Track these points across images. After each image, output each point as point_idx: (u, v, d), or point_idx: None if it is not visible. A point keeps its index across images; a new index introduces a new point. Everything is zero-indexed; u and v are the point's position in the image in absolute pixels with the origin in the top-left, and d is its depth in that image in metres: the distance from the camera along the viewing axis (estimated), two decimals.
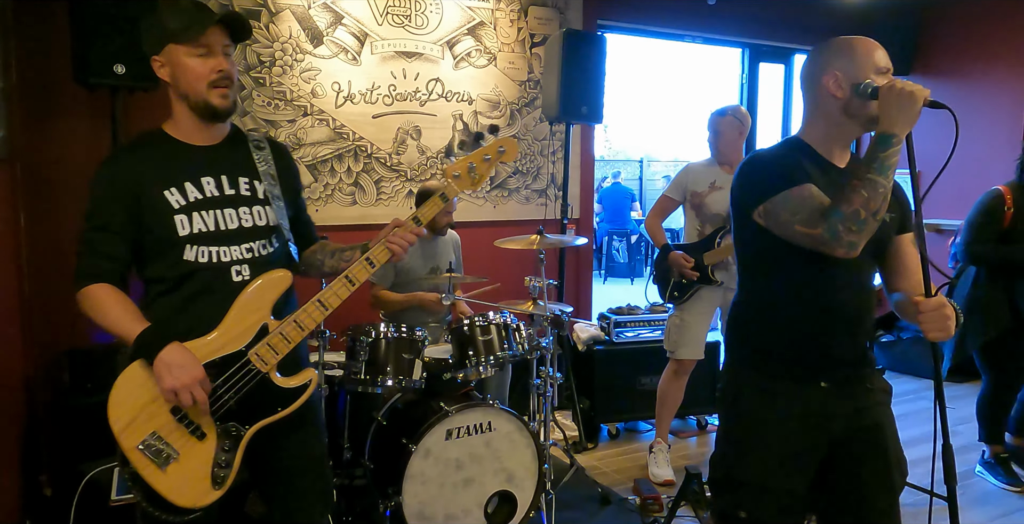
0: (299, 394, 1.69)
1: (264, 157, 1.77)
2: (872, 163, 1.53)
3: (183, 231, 1.64)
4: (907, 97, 1.52)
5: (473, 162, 1.78)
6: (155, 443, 1.57)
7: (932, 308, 1.56)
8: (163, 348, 1.54)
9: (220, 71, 1.63)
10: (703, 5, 4.97)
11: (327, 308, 1.68)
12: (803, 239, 1.58)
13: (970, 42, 5.39)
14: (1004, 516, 3.15)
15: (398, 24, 4.03)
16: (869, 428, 1.75)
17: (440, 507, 2.67)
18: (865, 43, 1.69)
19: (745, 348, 1.84)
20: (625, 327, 4.14)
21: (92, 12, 2.83)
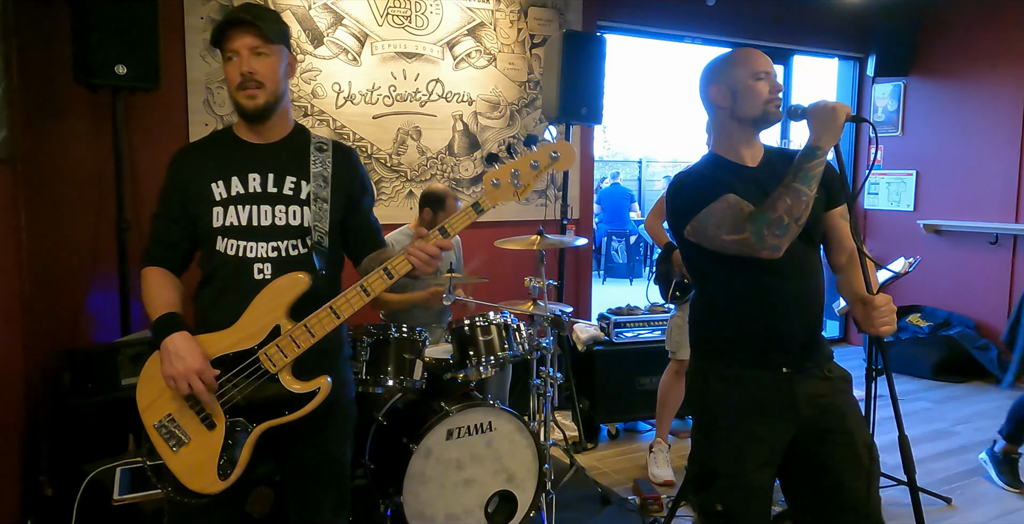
0: (308, 400, 1.66)
1: (323, 159, 1.78)
2: (797, 173, 1.67)
3: (217, 222, 1.70)
4: (830, 113, 1.69)
5: (518, 169, 1.57)
6: (168, 425, 1.66)
7: (882, 304, 1.68)
8: (169, 335, 1.62)
9: (242, 73, 1.66)
10: (702, 6, 4.98)
11: (339, 316, 1.65)
12: (731, 246, 1.71)
13: (969, 43, 5.41)
14: (1002, 516, 3.16)
15: (398, 25, 4.04)
16: (834, 414, 1.81)
17: (441, 507, 2.68)
18: (739, 54, 1.88)
19: (706, 343, 1.92)
20: (625, 327, 4.15)
21: (94, 12, 2.84)
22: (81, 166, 3.29)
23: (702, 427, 1.92)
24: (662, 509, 3.16)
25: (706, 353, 1.92)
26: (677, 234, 1.88)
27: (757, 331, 1.82)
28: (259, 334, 1.65)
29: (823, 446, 1.79)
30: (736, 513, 1.80)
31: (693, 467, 1.92)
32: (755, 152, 1.91)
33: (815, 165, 1.67)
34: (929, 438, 4.02)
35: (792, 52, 5.79)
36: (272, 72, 1.68)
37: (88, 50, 2.85)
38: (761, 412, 1.79)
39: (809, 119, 1.72)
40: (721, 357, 1.87)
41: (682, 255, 1.97)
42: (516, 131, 4.47)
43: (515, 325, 2.98)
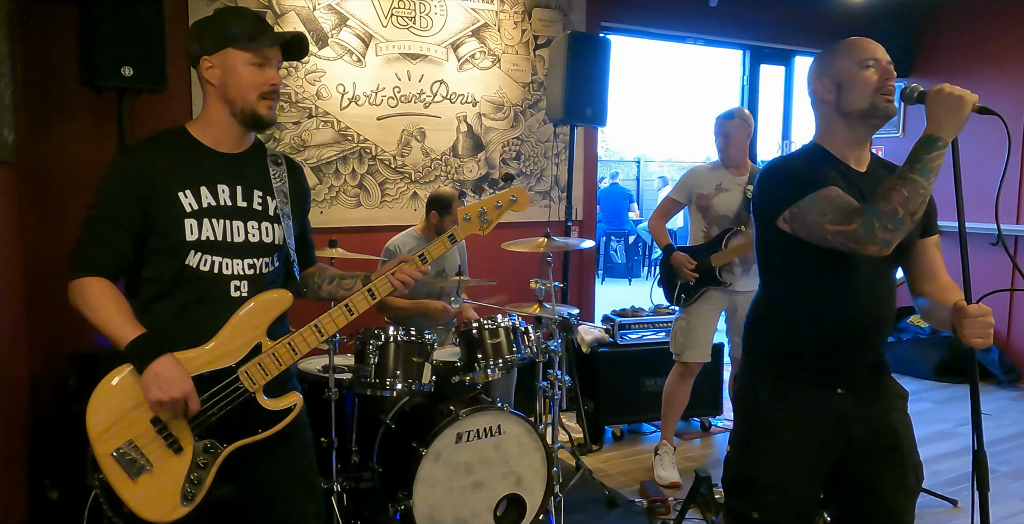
0: (283, 417, 1.67)
1: (279, 174, 1.76)
2: (915, 163, 1.52)
3: (191, 236, 1.61)
4: (955, 101, 1.51)
5: (485, 207, 1.85)
6: (130, 452, 1.55)
7: (976, 315, 1.54)
8: (156, 359, 1.52)
9: (273, 84, 1.65)
10: (705, 7, 4.98)
11: (323, 334, 1.69)
12: (835, 237, 1.56)
13: (970, 44, 5.42)
14: (1009, 517, 3.17)
15: (403, 26, 4.02)
16: (885, 433, 1.75)
17: (450, 511, 2.67)
18: (848, 43, 1.73)
19: (764, 351, 1.85)
20: (629, 329, 4.15)
21: (100, 14, 2.82)
22: (85, 168, 3.26)
23: (746, 434, 1.85)
24: (669, 511, 3.16)
25: (760, 361, 1.84)
26: (767, 221, 1.72)
27: (824, 351, 1.74)
28: (238, 352, 1.62)
29: (872, 465, 1.74)
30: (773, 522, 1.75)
31: (730, 471, 1.85)
32: (862, 156, 1.77)
33: (935, 156, 1.51)
34: (933, 439, 4.03)
35: (794, 53, 5.79)
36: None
37: (94, 51, 2.83)
38: (810, 429, 1.73)
39: (928, 105, 1.55)
40: (776, 368, 1.79)
41: (761, 244, 1.83)
42: (520, 132, 4.46)
43: (523, 328, 2.98)
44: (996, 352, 5.22)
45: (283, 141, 3.77)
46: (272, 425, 1.66)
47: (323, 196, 3.90)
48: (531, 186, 4.54)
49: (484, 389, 3.09)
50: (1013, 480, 3.55)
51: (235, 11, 1.71)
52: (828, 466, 1.76)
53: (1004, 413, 4.57)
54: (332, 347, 2.79)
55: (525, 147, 4.49)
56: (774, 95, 5.95)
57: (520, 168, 4.48)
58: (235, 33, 1.61)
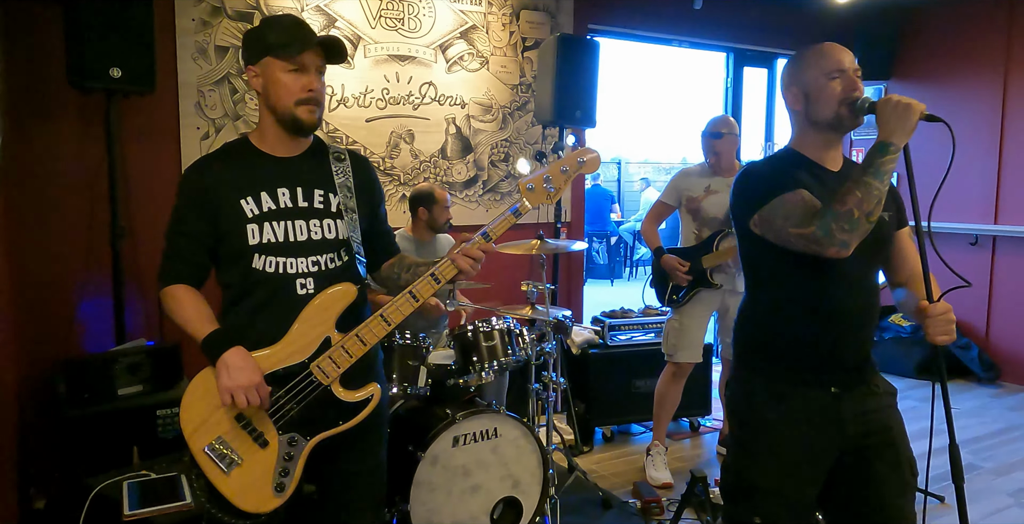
0: (361, 408, 1.71)
1: (343, 169, 1.79)
2: (868, 167, 1.59)
3: (253, 240, 1.68)
4: (903, 109, 1.60)
5: (550, 174, 1.69)
6: (220, 447, 1.64)
7: (939, 313, 1.61)
8: (226, 350, 1.60)
9: (311, 90, 1.67)
10: (689, 10, 5.02)
11: (390, 323, 1.69)
12: (797, 240, 1.63)
13: (949, 48, 5.51)
14: (995, 513, 3.23)
15: (391, 27, 4.01)
16: (879, 430, 1.78)
17: (447, 514, 2.66)
18: (815, 53, 1.76)
19: (754, 354, 1.86)
20: (619, 330, 4.16)
21: (87, 14, 2.78)
22: (72, 171, 3.21)
23: (742, 439, 1.85)
24: (663, 512, 3.18)
25: (752, 364, 1.86)
26: (741, 225, 1.79)
27: (813, 348, 1.76)
28: (309, 347, 1.66)
29: (867, 462, 1.76)
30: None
31: (728, 477, 1.86)
32: (836, 156, 1.82)
33: (887, 161, 1.58)
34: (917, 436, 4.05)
35: (776, 55, 5.85)
36: (323, 92, 1.74)
37: (81, 52, 2.78)
38: (806, 430, 1.74)
39: (878, 114, 1.63)
40: (768, 370, 1.81)
41: (742, 251, 1.88)
42: (508, 134, 4.46)
43: (518, 330, 2.98)
44: (976, 350, 5.31)
45: None
46: (352, 416, 1.70)
47: None
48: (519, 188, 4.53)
49: (477, 392, 3.09)
50: (998, 476, 3.62)
51: (276, 20, 1.73)
52: (826, 466, 1.78)
53: (986, 410, 4.65)
54: None
55: (514, 149, 4.48)
56: (757, 97, 6.01)
57: (509, 170, 4.48)
58: (273, 42, 1.66)
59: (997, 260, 5.30)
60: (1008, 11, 5.15)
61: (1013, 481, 3.55)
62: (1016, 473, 3.65)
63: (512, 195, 4.51)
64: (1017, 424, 4.38)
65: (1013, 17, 5.14)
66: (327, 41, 1.70)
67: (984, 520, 3.17)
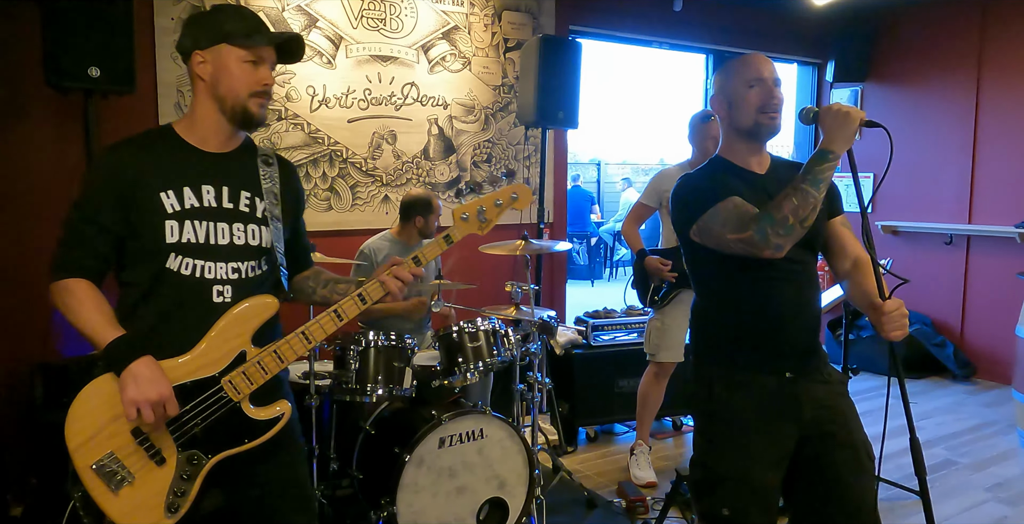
0: (270, 427, 1.61)
1: (270, 174, 1.70)
2: (807, 175, 1.67)
3: (171, 238, 1.56)
4: (843, 118, 1.67)
5: (484, 206, 1.73)
6: (110, 464, 1.49)
7: (892, 309, 1.66)
8: (134, 360, 1.47)
9: (266, 84, 1.62)
10: (669, 12, 5.05)
11: (310, 341, 1.62)
12: (735, 245, 1.72)
13: (922, 50, 5.60)
14: (971, 508, 3.28)
15: (373, 28, 3.99)
16: (834, 416, 1.83)
17: (434, 516, 2.65)
18: (738, 63, 1.86)
19: (709, 348, 1.93)
20: (603, 330, 4.18)
21: (65, 12, 2.73)
22: (50, 171, 3.16)
23: (706, 432, 1.91)
24: (648, 511, 3.19)
25: (709, 358, 1.92)
26: (682, 235, 1.88)
27: (761, 336, 1.83)
28: (222, 361, 1.57)
29: (825, 448, 1.81)
30: (743, 517, 1.80)
31: (696, 472, 1.91)
32: (762, 160, 1.91)
33: (826, 169, 1.66)
34: (894, 433, 4.11)
35: None
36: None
37: (59, 51, 2.73)
38: (767, 416, 1.80)
39: (821, 123, 1.71)
40: (725, 362, 1.87)
41: (686, 258, 1.97)
42: (491, 135, 4.46)
43: (503, 331, 2.98)
44: (951, 348, 5.40)
45: None
46: (259, 435, 1.60)
47: None
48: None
49: (462, 393, 3.08)
50: (974, 472, 3.68)
51: (233, 8, 1.67)
52: (787, 450, 1.82)
53: (961, 407, 4.73)
54: (312, 353, 2.75)
55: (496, 150, 4.49)
56: None
57: (491, 171, 4.49)
58: (231, 29, 1.58)
59: (971, 259, 5.40)
60: (980, 14, 5.25)
61: (989, 476, 3.61)
62: (992, 468, 3.71)
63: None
64: (992, 420, 4.45)
65: (985, 20, 5.24)
66: (294, 39, 1.65)
67: (961, 515, 3.22)
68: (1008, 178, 5.16)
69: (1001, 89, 5.18)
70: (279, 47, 1.65)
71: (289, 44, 1.66)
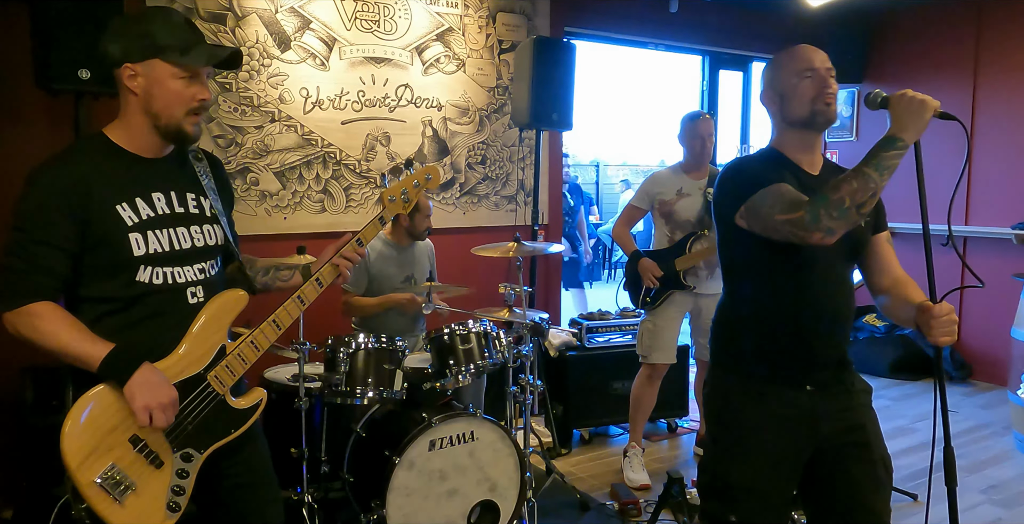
0: (251, 414, 1.70)
1: (203, 170, 1.73)
2: (872, 159, 1.57)
3: (138, 251, 1.56)
4: (918, 105, 1.57)
5: (405, 188, 1.91)
6: (114, 475, 1.49)
7: (943, 314, 1.61)
8: (137, 368, 1.48)
9: (202, 100, 1.59)
10: (665, 13, 5.05)
11: (280, 327, 1.70)
12: (783, 226, 1.62)
13: (918, 52, 5.59)
14: (966, 510, 3.27)
15: (367, 29, 3.99)
16: (854, 428, 1.80)
17: (424, 519, 2.65)
18: (788, 54, 1.81)
19: (731, 352, 1.88)
20: (597, 332, 4.17)
21: (55, 13, 2.71)
22: None
23: (719, 439, 1.87)
24: (641, 513, 3.19)
25: (728, 364, 1.87)
26: (726, 219, 1.79)
27: (788, 348, 1.78)
28: (204, 357, 1.61)
29: (842, 460, 1.78)
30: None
31: (705, 476, 1.88)
32: (814, 160, 1.85)
33: (893, 156, 1.56)
34: (891, 435, 4.12)
35: (751, 59, 5.91)
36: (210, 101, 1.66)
37: (49, 53, 2.72)
38: (783, 428, 1.76)
39: (891, 109, 1.61)
40: (744, 371, 1.83)
41: (722, 251, 1.89)
42: (485, 137, 4.45)
43: (495, 333, 2.97)
44: (948, 349, 5.38)
45: (245, 145, 3.70)
46: (242, 423, 1.68)
47: (287, 201, 3.83)
48: (497, 190, 4.54)
49: (454, 395, 3.07)
50: (970, 473, 3.67)
51: (165, 16, 1.58)
52: (801, 464, 1.79)
53: (958, 408, 4.71)
54: (302, 355, 2.74)
55: (491, 151, 4.48)
56: (732, 100, 6.05)
57: (486, 172, 4.48)
58: (165, 44, 1.52)
59: (968, 261, 5.37)
60: (976, 15, 5.24)
61: (984, 478, 3.60)
62: (987, 470, 3.70)
63: (490, 197, 4.51)
64: (988, 422, 4.44)
65: (981, 21, 5.23)
66: (231, 59, 1.61)
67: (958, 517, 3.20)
68: (1004, 179, 5.15)
69: (997, 90, 5.17)
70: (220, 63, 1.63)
71: (229, 62, 1.64)
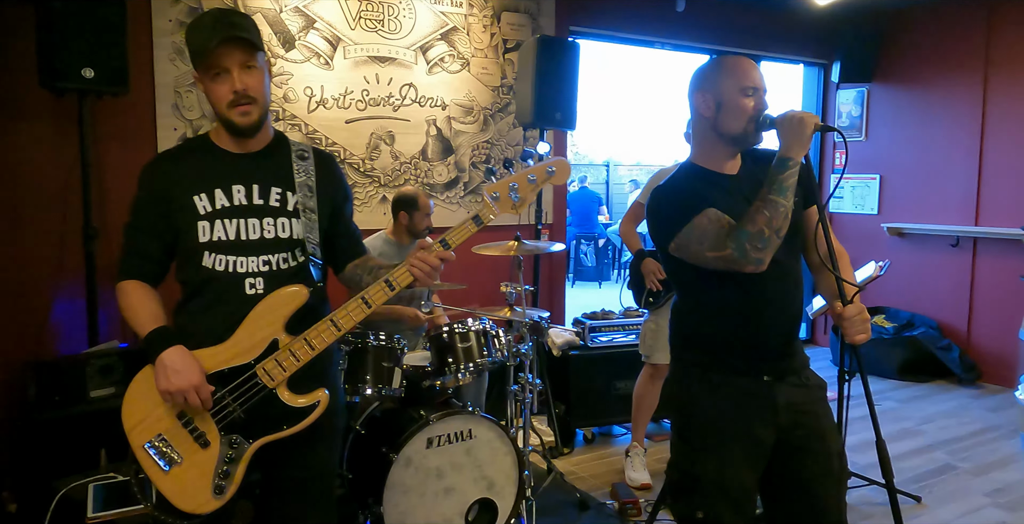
0: (307, 413, 1.66)
1: (305, 168, 1.75)
2: (772, 185, 1.67)
3: (203, 237, 1.66)
4: (797, 123, 1.68)
5: (516, 182, 1.62)
6: (160, 445, 1.62)
7: (853, 314, 1.68)
8: (165, 350, 1.58)
9: (235, 91, 1.62)
10: (672, 12, 5.03)
11: (340, 329, 1.65)
12: (715, 262, 1.71)
13: (929, 52, 5.54)
14: (970, 513, 3.24)
15: (371, 29, 4.00)
16: (808, 423, 1.82)
17: (421, 516, 2.65)
18: (729, 62, 1.83)
19: (687, 349, 1.91)
20: (600, 332, 4.17)
21: (60, 14, 2.76)
22: (45, 172, 3.20)
23: (683, 433, 1.89)
24: (640, 513, 3.18)
25: (687, 359, 1.91)
26: (661, 249, 1.86)
27: (738, 337, 1.82)
28: (255, 349, 1.63)
29: (797, 454, 1.81)
30: (717, 519, 1.78)
31: (673, 474, 1.90)
32: (734, 164, 1.89)
33: (788, 176, 1.66)
34: (897, 437, 4.10)
35: (759, 58, 5.87)
36: (262, 86, 1.65)
37: (54, 53, 2.76)
38: (743, 418, 1.79)
39: (778, 129, 1.71)
40: (702, 363, 1.86)
41: (665, 268, 1.96)
42: (490, 136, 4.46)
43: (494, 331, 2.97)
44: (957, 351, 5.33)
45: None
46: (297, 421, 1.65)
47: None
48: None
49: (455, 393, 3.08)
50: (975, 476, 3.63)
51: (196, 22, 1.66)
52: (763, 457, 1.81)
53: (965, 411, 4.67)
54: None
55: (495, 151, 4.49)
56: None
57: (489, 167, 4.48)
58: (193, 51, 1.63)
59: (978, 262, 5.33)
60: (987, 15, 5.19)
61: (990, 481, 3.57)
62: (993, 473, 3.67)
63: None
64: (995, 425, 4.39)
65: (992, 21, 5.18)
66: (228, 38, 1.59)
67: (960, 520, 3.18)
68: (1015, 180, 5.09)
69: (1008, 90, 5.12)
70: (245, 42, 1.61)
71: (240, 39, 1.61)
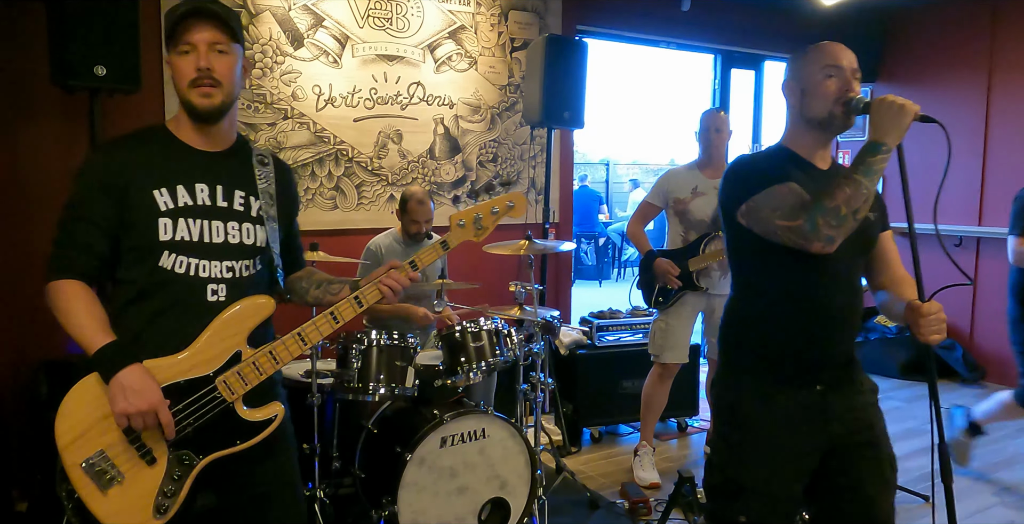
0: (263, 428, 1.59)
1: (266, 174, 1.69)
2: (859, 165, 1.59)
3: (164, 235, 1.55)
4: (897, 109, 1.59)
5: (480, 213, 1.76)
6: (100, 463, 1.47)
7: (931, 312, 1.62)
8: (122, 369, 1.45)
9: (199, 69, 1.53)
10: (677, 11, 5.03)
11: (306, 342, 1.61)
12: (783, 233, 1.62)
13: (933, 52, 5.56)
14: (979, 512, 3.25)
15: (379, 27, 3.99)
16: (863, 428, 1.79)
17: (434, 515, 2.65)
18: (816, 49, 1.76)
19: (742, 353, 1.86)
20: (608, 331, 4.17)
21: (71, 11, 2.73)
22: (56, 170, 3.18)
23: (729, 439, 1.84)
24: (651, 512, 3.19)
25: (740, 365, 1.86)
26: (728, 216, 1.78)
27: (799, 347, 1.77)
28: (216, 360, 1.55)
29: (851, 459, 1.78)
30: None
31: (714, 477, 1.87)
32: (825, 156, 1.82)
33: (878, 160, 1.58)
34: (902, 437, 4.11)
35: (764, 57, 5.88)
36: (231, 72, 1.57)
37: (65, 50, 2.74)
38: (794, 428, 1.75)
39: (871, 113, 1.62)
40: (755, 369, 1.81)
41: (728, 245, 1.87)
42: (497, 135, 4.46)
43: (506, 330, 2.97)
44: (960, 351, 5.35)
45: (258, 142, 3.71)
46: (251, 436, 1.58)
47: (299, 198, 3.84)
48: (508, 189, 4.53)
49: (465, 392, 3.08)
50: (982, 475, 3.64)
51: (176, 6, 1.58)
52: (811, 463, 1.79)
53: None
54: (314, 352, 2.76)
55: (502, 149, 4.48)
56: (744, 99, 6.03)
57: (497, 170, 4.48)
58: (164, 32, 1.56)
59: (981, 261, 5.35)
60: (991, 14, 5.20)
61: (997, 481, 3.58)
62: (1000, 472, 3.68)
63: (500, 195, 4.49)
64: (1000, 424, 4.40)
65: (996, 20, 5.19)
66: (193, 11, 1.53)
67: (968, 519, 3.19)
68: (1019, 179, 5.09)
69: (1012, 90, 5.13)
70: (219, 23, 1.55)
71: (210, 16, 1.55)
